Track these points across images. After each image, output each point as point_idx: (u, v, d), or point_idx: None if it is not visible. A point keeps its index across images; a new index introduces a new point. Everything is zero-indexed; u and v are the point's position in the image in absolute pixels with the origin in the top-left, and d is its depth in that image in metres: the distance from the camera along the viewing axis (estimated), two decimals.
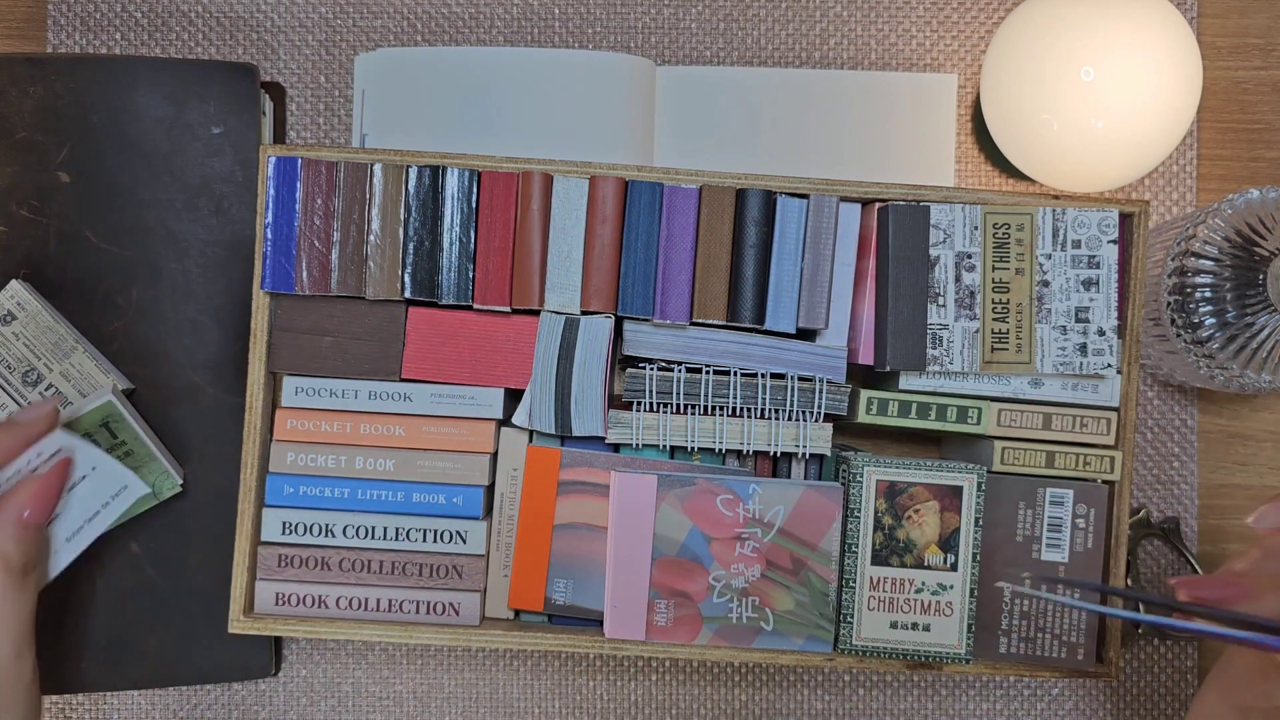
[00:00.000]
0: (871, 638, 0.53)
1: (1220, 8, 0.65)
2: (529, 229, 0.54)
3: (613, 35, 0.65)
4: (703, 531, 0.53)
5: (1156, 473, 0.65)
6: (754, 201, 0.54)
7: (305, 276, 0.54)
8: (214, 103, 0.60)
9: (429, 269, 0.54)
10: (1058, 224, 0.54)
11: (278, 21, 0.65)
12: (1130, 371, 0.55)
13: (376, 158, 0.54)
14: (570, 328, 0.54)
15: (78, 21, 0.65)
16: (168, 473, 0.58)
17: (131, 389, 0.59)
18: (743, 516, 0.53)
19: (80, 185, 0.60)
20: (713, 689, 0.64)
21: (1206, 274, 0.54)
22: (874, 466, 0.53)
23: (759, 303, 0.54)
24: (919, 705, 0.64)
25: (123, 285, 0.60)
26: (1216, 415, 0.65)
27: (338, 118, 0.65)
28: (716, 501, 0.53)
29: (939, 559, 0.53)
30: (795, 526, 0.53)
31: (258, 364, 0.54)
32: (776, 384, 0.54)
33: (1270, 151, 0.65)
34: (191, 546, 0.60)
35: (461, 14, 0.65)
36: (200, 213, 0.60)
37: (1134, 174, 0.60)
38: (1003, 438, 0.55)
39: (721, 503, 0.53)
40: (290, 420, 0.55)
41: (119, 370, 0.59)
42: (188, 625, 0.60)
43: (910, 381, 0.55)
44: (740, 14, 0.65)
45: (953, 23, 0.65)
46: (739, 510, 0.53)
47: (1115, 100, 0.57)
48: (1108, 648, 0.55)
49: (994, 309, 0.54)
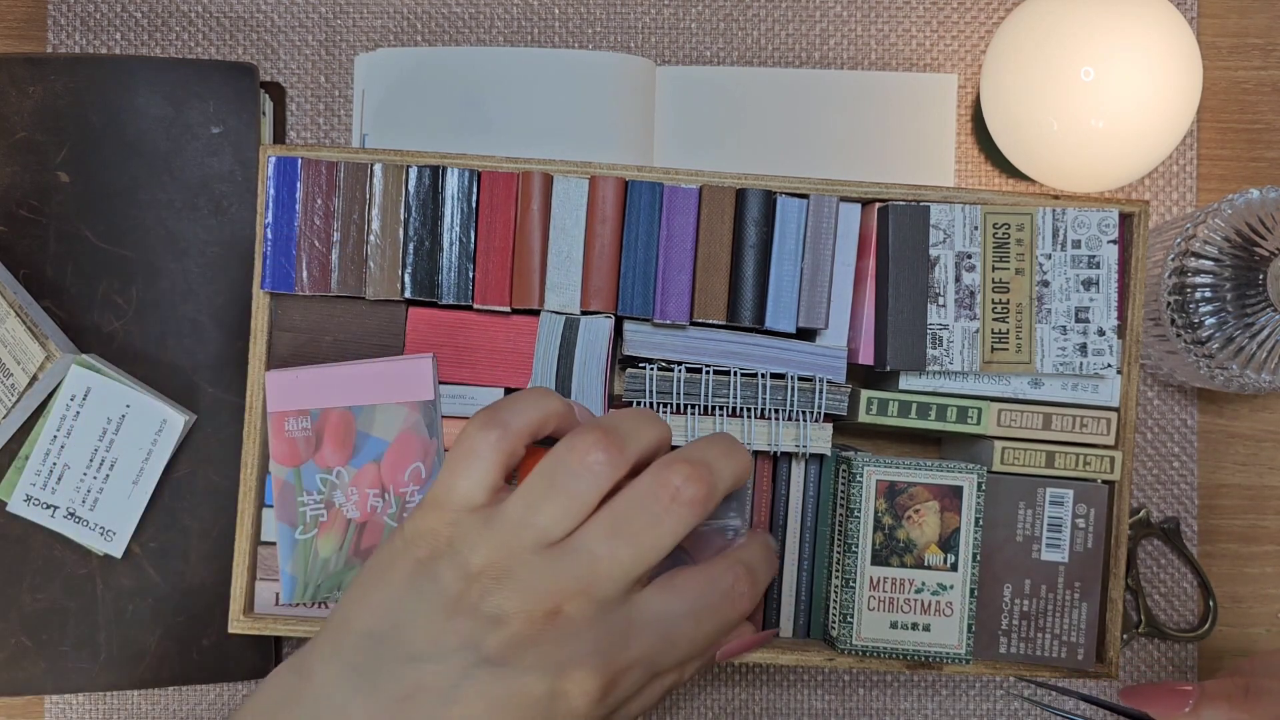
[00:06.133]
0: (871, 638, 0.53)
1: (1220, 8, 0.65)
2: (529, 229, 0.54)
3: (613, 35, 0.65)
4: None
5: (1156, 473, 0.65)
6: (754, 201, 0.54)
7: (305, 276, 0.54)
8: (214, 103, 0.60)
9: (429, 269, 0.54)
10: (1058, 224, 0.54)
11: (278, 21, 0.65)
12: (1130, 371, 0.55)
13: (376, 158, 0.54)
14: (570, 328, 0.54)
15: (78, 21, 0.65)
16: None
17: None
18: None
19: (80, 185, 0.60)
20: (712, 689, 0.64)
21: (1206, 274, 0.54)
22: (874, 466, 0.53)
23: (759, 303, 0.54)
24: (919, 705, 0.64)
25: (122, 285, 0.60)
26: (1216, 415, 0.65)
27: (338, 118, 0.65)
28: None
29: (939, 559, 0.53)
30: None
31: (258, 364, 0.54)
32: (776, 384, 0.54)
33: (1270, 151, 0.65)
34: (191, 546, 0.60)
35: (461, 14, 0.65)
36: (200, 212, 0.60)
37: (1134, 174, 0.60)
38: (1003, 438, 0.55)
39: None
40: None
41: (66, 336, 0.59)
42: (188, 625, 0.60)
43: (910, 381, 0.55)
44: (740, 14, 0.65)
45: (953, 23, 0.65)
46: None
47: (1115, 100, 0.57)
48: (1108, 648, 0.55)
49: (994, 309, 0.54)
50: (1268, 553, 0.65)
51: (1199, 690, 0.50)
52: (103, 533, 0.58)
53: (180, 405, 0.59)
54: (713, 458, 0.42)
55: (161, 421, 0.58)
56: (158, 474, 0.58)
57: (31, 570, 0.59)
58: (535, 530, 0.39)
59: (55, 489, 0.58)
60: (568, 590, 0.38)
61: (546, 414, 0.42)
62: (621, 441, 0.40)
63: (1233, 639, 0.65)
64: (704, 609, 0.42)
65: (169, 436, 0.58)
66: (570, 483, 0.39)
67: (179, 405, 0.59)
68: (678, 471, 0.40)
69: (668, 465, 0.40)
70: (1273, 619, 0.65)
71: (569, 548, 0.39)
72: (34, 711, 0.64)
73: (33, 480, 0.58)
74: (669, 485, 0.40)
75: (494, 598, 0.38)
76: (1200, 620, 0.64)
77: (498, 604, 0.37)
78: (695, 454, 0.42)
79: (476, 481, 0.40)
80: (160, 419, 0.58)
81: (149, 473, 0.58)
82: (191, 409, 0.60)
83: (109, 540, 0.58)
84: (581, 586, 0.38)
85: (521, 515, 0.39)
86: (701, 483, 0.40)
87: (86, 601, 0.60)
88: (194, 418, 0.59)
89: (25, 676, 0.59)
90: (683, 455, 0.41)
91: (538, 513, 0.39)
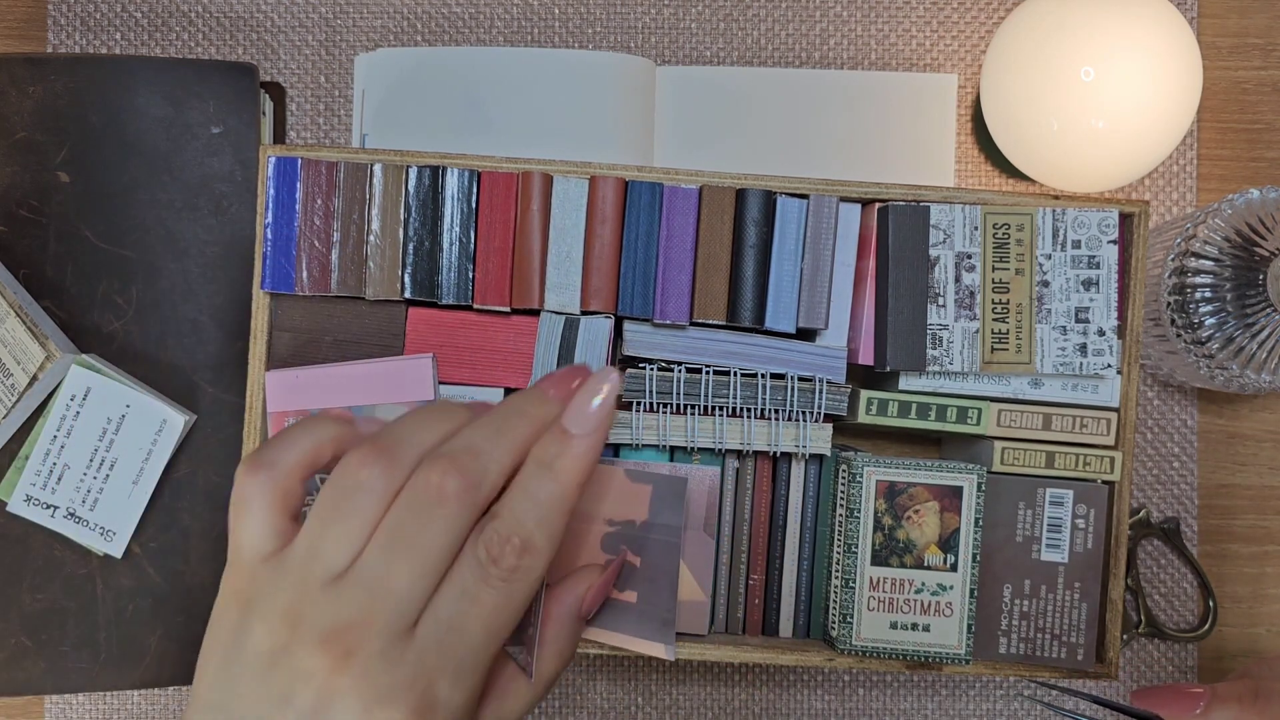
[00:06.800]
0: (871, 638, 0.53)
1: (1220, 8, 0.65)
2: (529, 229, 0.54)
3: (613, 35, 0.65)
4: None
5: (1156, 473, 0.65)
6: (754, 201, 0.54)
7: (305, 276, 0.54)
8: (213, 103, 0.60)
9: (429, 269, 0.54)
10: (1058, 224, 0.54)
11: (278, 21, 0.65)
12: (1130, 371, 0.55)
13: (376, 158, 0.54)
14: (570, 328, 0.54)
15: (78, 21, 0.65)
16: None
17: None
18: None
19: (79, 185, 0.60)
20: (713, 689, 0.64)
21: (1206, 274, 0.54)
22: (874, 466, 0.53)
23: (759, 303, 0.54)
24: (919, 705, 0.64)
25: (122, 285, 0.60)
26: (1216, 415, 0.65)
27: (338, 118, 0.65)
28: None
29: (939, 559, 0.53)
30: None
31: (257, 364, 0.54)
32: (776, 384, 0.54)
33: (1270, 151, 0.65)
34: (191, 546, 0.60)
35: (461, 14, 0.65)
36: (200, 212, 0.60)
37: (1134, 174, 0.60)
38: (1003, 438, 0.55)
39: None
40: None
41: (66, 336, 0.59)
42: (188, 625, 0.60)
43: (910, 382, 0.55)
44: (740, 14, 0.65)
45: (953, 23, 0.65)
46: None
47: (1115, 100, 0.57)
48: (1108, 648, 0.55)
49: (994, 309, 0.54)
50: (1268, 553, 0.65)
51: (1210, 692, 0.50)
52: (103, 533, 0.58)
53: (180, 405, 0.59)
54: (479, 440, 0.39)
55: (161, 421, 0.58)
56: (158, 474, 0.58)
57: (31, 570, 0.59)
58: (321, 563, 0.37)
59: (55, 489, 0.58)
60: (354, 625, 0.36)
61: (318, 441, 0.40)
62: (393, 449, 0.38)
63: (1233, 639, 0.65)
64: (473, 591, 0.38)
65: (169, 436, 0.58)
66: (344, 504, 0.37)
67: (179, 405, 0.59)
68: (435, 468, 0.37)
69: (428, 463, 0.38)
70: (1274, 619, 0.65)
71: (351, 578, 0.37)
72: (34, 711, 0.64)
73: (33, 480, 0.58)
74: (430, 485, 0.37)
75: (298, 648, 0.36)
76: (1200, 620, 0.64)
77: (302, 655, 0.36)
78: (457, 443, 0.39)
79: (256, 530, 0.38)
80: (160, 419, 0.58)
81: (149, 473, 0.58)
82: (191, 409, 0.60)
83: (109, 540, 0.58)
84: (365, 618, 0.36)
85: (306, 551, 0.37)
86: (462, 474, 0.37)
87: (86, 601, 0.60)
88: (194, 418, 0.59)
89: (25, 676, 0.59)
90: (444, 448, 0.38)
91: (322, 543, 0.37)
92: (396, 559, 0.37)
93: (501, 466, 0.39)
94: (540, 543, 0.38)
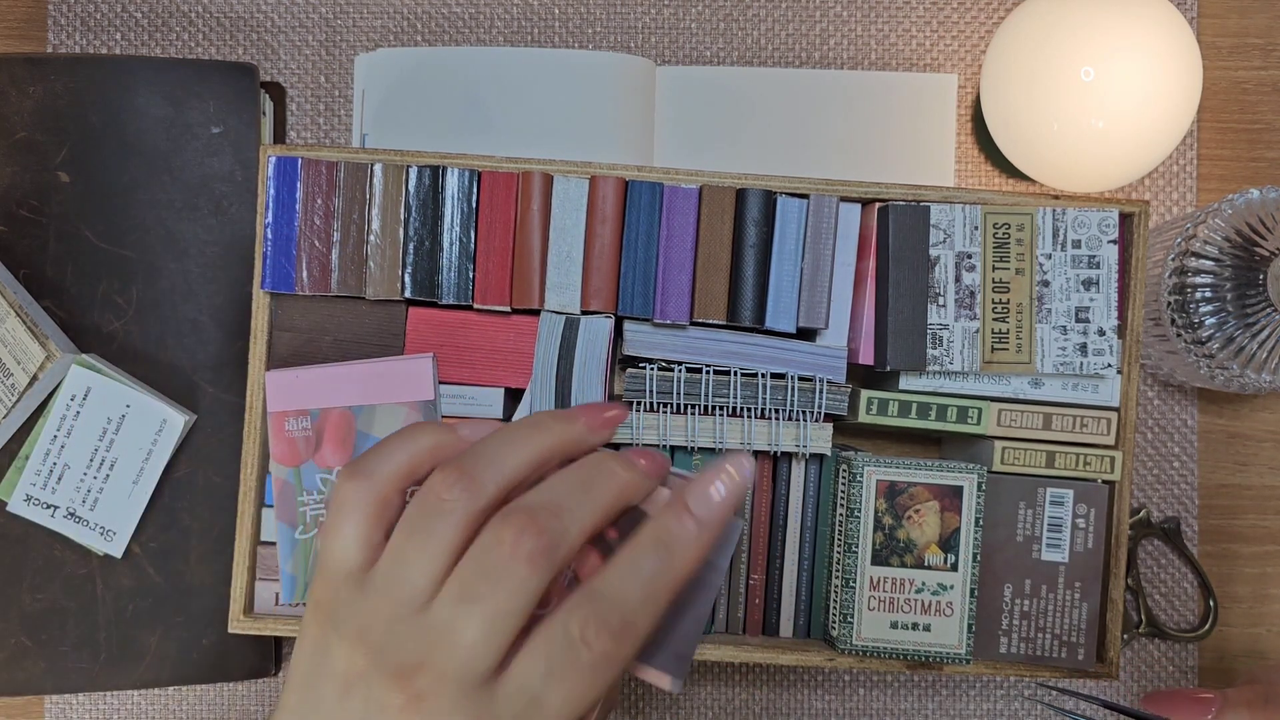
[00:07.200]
0: (871, 638, 0.53)
1: (1220, 8, 0.65)
2: (529, 229, 0.54)
3: (613, 35, 0.65)
4: None
5: (1156, 473, 0.65)
6: (754, 201, 0.54)
7: (305, 276, 0.54)
8: (214, 103, 0.60)
9: (429, 269, 0.54)
10: (1058, 224, 0.54)
11: (278, 21, 0.65)
12: (1130, 371, 0.55)
13: (376, 158, 0.54)
14: (570, 328, 0.54)
15: (78, 21, 0.65)
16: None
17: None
18: None
19: (80, 185, 0.60)
20: (713, 689, 0.64)
21: (1206, 274, 0.54)
22: (874, 466, 0.53)
23: (759, 303, 0.54)
24: (919, 705, 0.64)
25: (122, 285, 0.60)
26: (1216, 415, 0.65)
27: (338, 118, 0.65)
28: None
29: (939, 559, 0.53)
30: None
31: (257, 364, 0.54)
32: (776, 384, 0.54)
33: (1270, 151, 0.65)
34: (191, 546, 0.60)
35: (461, 14, 0.65)
36: (200, 212, 0.60)
37: (1134, 174, 0.60)
38: (1003, 438, 0.55)
39: None
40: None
41: (66, 336, 0.59)
42: (188, 625, 0.60)
43: (910, 381, 0.55)
44: (740, 14, 0.65)
45: (953, 23, 0.65)
46: None
47: (1115, 100, 0.57)
48: (1108, 648, 0.55)
49: (994, 309, 0.54)
50: (1268, 553, 0.65)
51: (1221, 698, 0.50)
52: (103, 533, 0.58)
53: (180, 405, 0.59)
54: (563, 495, 0.37)
55: (161, 421, 0.58)
56: (158, 474, 0.58)
57: (31, 570, 0.59)
58: (403, 589, 0.36)
59: (55, 489, 0.58)
60: (425, 667, 0.35)
61: (416, 452, 0.39)
62: (477, 472, 0.37)
63: (1233, 639, 0.65)
64: (561, 669, 0.36)
65: (169, 436, 0.58)
66: (426, 527, 0.36)
67: (179, 405, 0.59)
68: (511, 524, 0.36)
69: (503, 518, 0.36)
70: (1274, 619, 0.65)
71: (426, 618, 0.36)
72: (34, 711, 0.64)
73: (33, 480, 0.58)
74: (504, 542, 0.36)
75: (375, 678, 0.36)
76: (1200, 620, 0.64)
77: (378, 686, 0.36)
78: (539, 497, 0.37)
79: (349, 542, 0.37)
80: (160, 419, 0.58)
81: (149, 473, 0.58)
82: (191, 409, 0.60)
83: (109, 540, 0.58)
84: (436, 662, 0.35)
85: (389, 574, 0.37)
86: (539, 535, 0.36)
87: (86, 601, 0.60)
88: (194, 418, 0.59)
89: (25, 676, 0.59)
90: (522, 502, 0.37)
91: (405, 567, 0.36)
92: (465, 612, 0.36)
93: (583, 529, 0.37)
94: (643, 627, 0.36)
